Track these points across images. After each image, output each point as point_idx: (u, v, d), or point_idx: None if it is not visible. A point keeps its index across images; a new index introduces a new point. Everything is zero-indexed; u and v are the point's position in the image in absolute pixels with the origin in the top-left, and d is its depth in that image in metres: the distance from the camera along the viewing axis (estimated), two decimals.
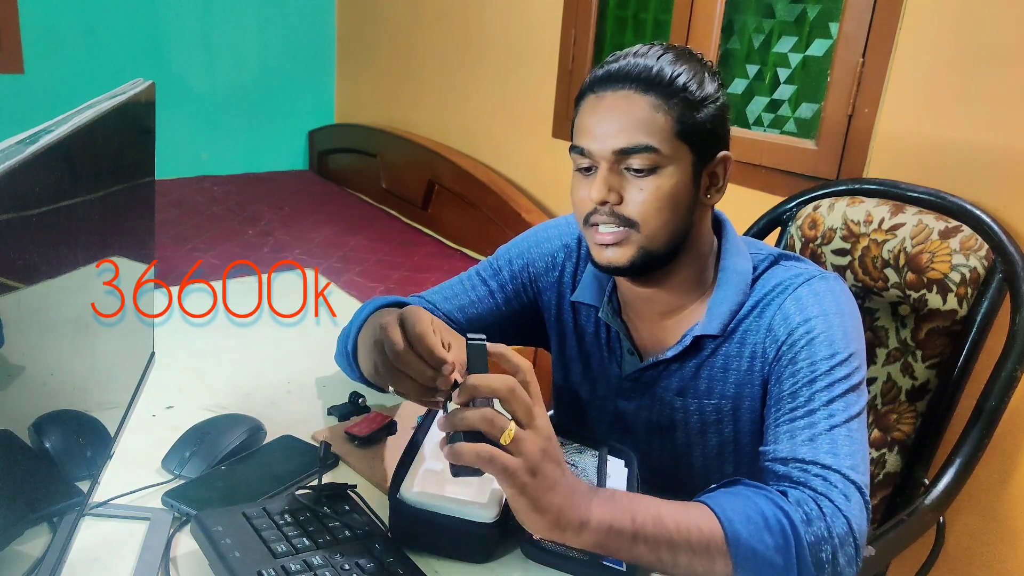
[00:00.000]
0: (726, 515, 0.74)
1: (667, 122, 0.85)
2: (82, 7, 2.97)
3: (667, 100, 0.85)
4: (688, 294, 0.95)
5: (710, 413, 0.95)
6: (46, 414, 0.60)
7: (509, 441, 0.67)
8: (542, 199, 2.48)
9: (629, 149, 0.85)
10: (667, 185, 0.86)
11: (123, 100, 0.71)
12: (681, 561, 0.73)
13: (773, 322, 0.90)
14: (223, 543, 0.70)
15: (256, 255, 2.43)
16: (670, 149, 0.85)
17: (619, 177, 0.87)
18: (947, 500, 1.19)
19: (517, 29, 2.50)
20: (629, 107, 0.85)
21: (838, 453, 0.80)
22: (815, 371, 0.85)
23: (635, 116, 0.85)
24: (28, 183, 0.50)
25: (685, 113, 0.85)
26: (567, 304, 1.06)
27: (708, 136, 0.87)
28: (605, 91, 0.87)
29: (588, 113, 0.88)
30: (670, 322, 0.96)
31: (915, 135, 1.50)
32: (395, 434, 0.99)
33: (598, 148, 0.87)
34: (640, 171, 0.86)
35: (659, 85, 0.85)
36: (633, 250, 0.88)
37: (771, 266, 0.94)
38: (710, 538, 0.73)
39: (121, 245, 0.77)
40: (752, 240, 1.00)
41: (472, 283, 1.09)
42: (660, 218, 0.87)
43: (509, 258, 1.09)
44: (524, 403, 0.69)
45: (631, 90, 0.85)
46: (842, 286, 0.92)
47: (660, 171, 0.86)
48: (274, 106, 3.49)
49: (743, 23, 1.89)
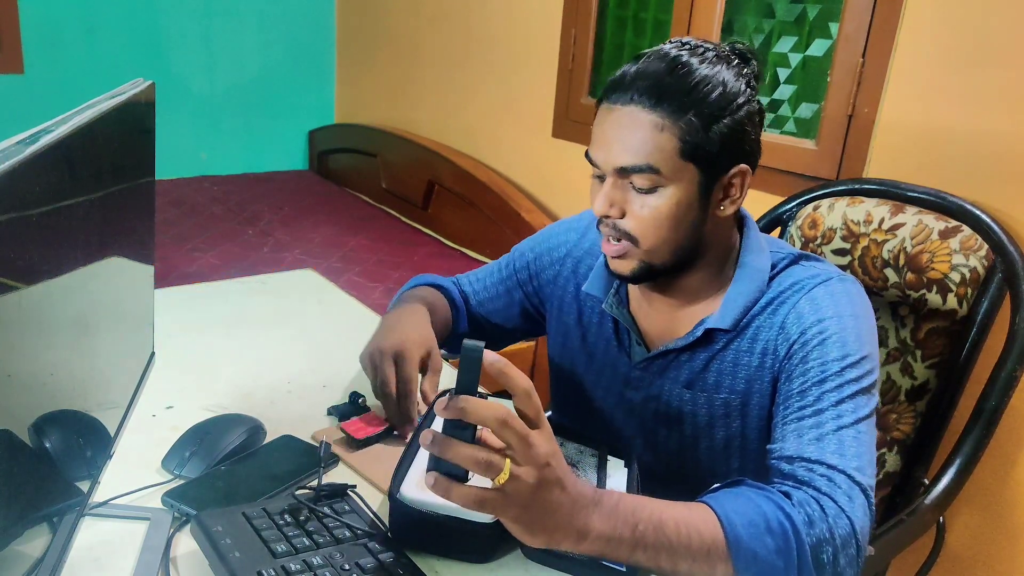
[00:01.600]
0: (728, 517, 0.74)
1: (670, 141, 0.84)
2: (82, 7, 2.97)
3: (675, 118, 0.83)
4: (704, 290, 0.96)
5: (718, 407, 0.95)
6: (46, 414, 0.60)
7: (505, 481, 0.63)
8: (542, 199, 2.48)
9: (629, 168, 0.86)
10: (667, 205, 0.86)
11: (123, 100, 0.71)
12: (681, 567, 0.73)
13: (787, 320, 0.90)
14: (223, 543, 0.70)
15: (256, 255, 2.43)
16: (672, 170, 0.85)
17: (622, 192, 0.88)
18: (947, 500, 1.19)
19: (517, 29, 2.50)
20: (632, 125, 0.85)
21: (845, 454, 0.80)
22: (826, 371, 0.85)
23: (638, 135, 0.84)
24: (28, 183, 0.50)
25: (693, 131, 0.83)
26: (570, 298, 1.07)
27: (720, 152, 0.85)
28: (615, 103, 0.86)
29: (599, 123, 0.89)
30: (682, 312, 0.97)
31: (915, 135, 1.50)
32: (393, 435, 0.99)
33: (603, 161, 0.88)
34: (640, 189, 0.86)
35: (668, 101, 0.83)
36: (635, 263, 0.90)
37: (790, 265, 0.94)
38: (712, 543, 0.73)
39: (121, 245, 0.77)
40: (773, 239, 1.01)
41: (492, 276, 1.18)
42: (659, 235, 0.87)
43: (522, 251, 1.15)
44: (518, 434, 0.63)
45: (637, 105, 0.84)
46: (859, 289, 0.92)
47: (661, 191, 0.86)
48: (274, 106, 3.49)
49: (743, 23, 1.89)
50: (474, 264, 2.34)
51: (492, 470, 0.63)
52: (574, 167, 2.32)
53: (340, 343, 1.22)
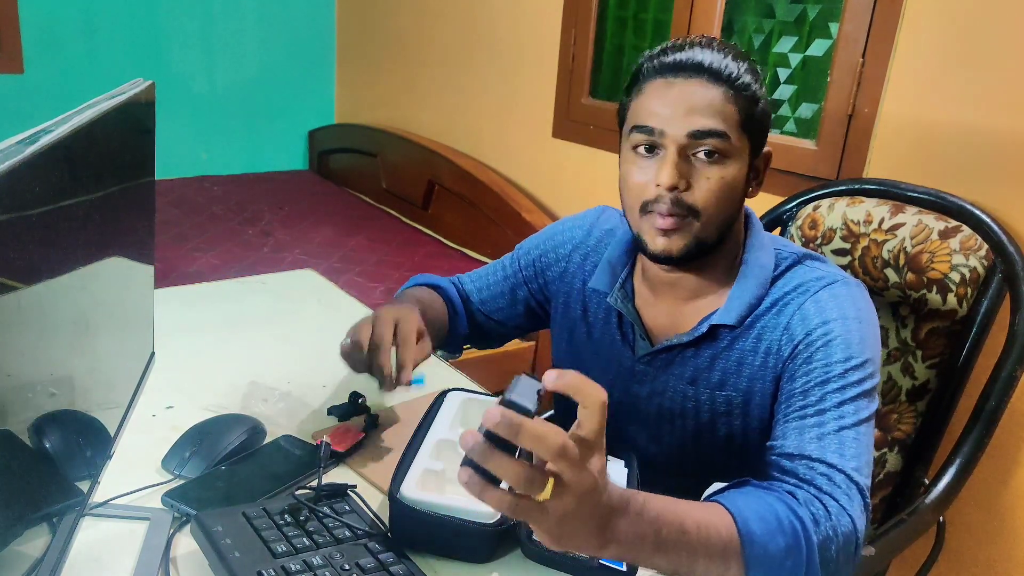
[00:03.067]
0: (743, 516, 0.74)
1: (735, 113, 0.87)
2: (82, 7, 2.97)
3: (735, 92, 0.87)
4: (714, 282, 0.96)
5: (720, 404, 0.96)
6: (46, 414, 0.60)
7: (547, 498, 0.58)
8: (542, 199, 2.48)
9: (704, 132, 0.86)
10: (731, 175, 0.88)
11: (123, 100, 0.71)
12: (698, 568, 0.72)
13: (792, 321, 0.91)
14: (223, 543, 0.70)
15: (256, 255, 2.43)
16: (737, 139, 0.88)
17: (687, 164, 0.88)
18: (947, 500, 1.19)
19: (517, 29, 2.50)
20: (705, 93, 0.87)
21: (845, 454, 0.81)
22: (829, 372, 0.86)
23: (710, 102, 0.87)
24: (28, 183, 0.50)
25: (749, 106, 0.88)
26: (576, 293, 1.08)
27: (762, 131, 0.91)
28: (676, 77, 0.88)
29: (657, 96, 0.89)
30: (688, 307, 0.98)
31: (915, 135, 1.50)
32: (377, 428, 1.00)
33: (672, 130, 0.87)
34: (711, 156, 0.87)
35: (727, 79, 0.87)
36: (688, 239, 0.90)
37: (793, 265, 0.95)
38: (727, 543, 0.73)
39: (121, 245, 0.77)
40: (779, 238, 1.02)
41: (496, 274, 1.18)
42: (720, 207, 0.89)
43: (527, 248, 1.15)
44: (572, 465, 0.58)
45: (703, 78, 0.87)
46: (863, 292, 0.93)
47: (727, 161, 0.88)
48: (274, 106, 3.49)
49: (743, 23, 1.89)
50: (474, 264, 2.34)
51: (535, 489, 0.58)
52: (574, 167, 2.32)
53: (340, 343, 1.22)
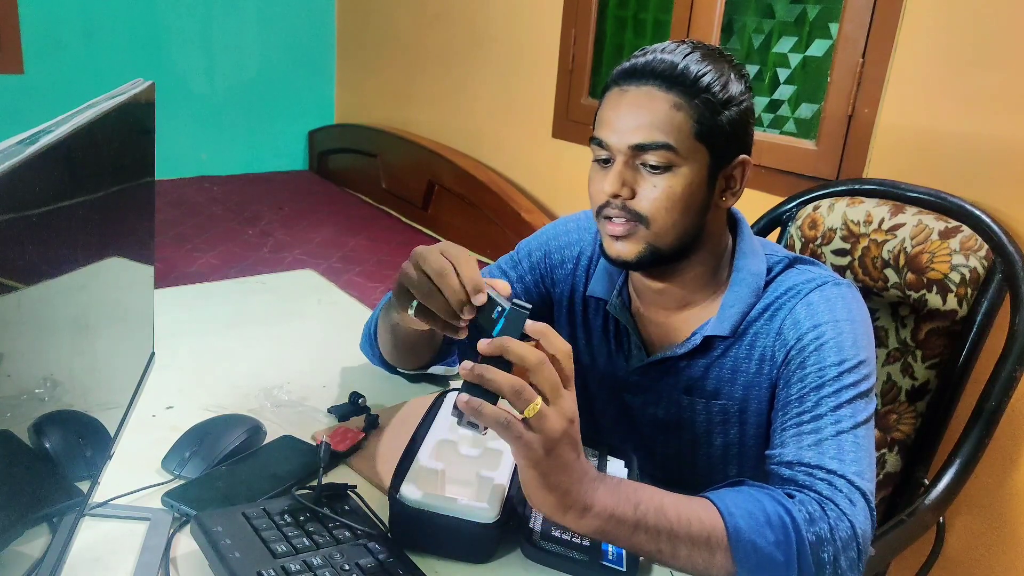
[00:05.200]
0: (728, 509, 0.74)
1: (686, 121, 0.85)
2: (82, 7, 2.97)
3: (689, 99, 0.85)
4: (700, 290, 0.95)
5: (716, 414, 0.96)
6: (46, 414, 0.60)
7: (532, 415, 0.66)
8: (542, 199, 2.48)
9: (646, 145, 0.85)
10: (680, 185, 0.86)
11: (123, 100, 0.71)
12: (681, 552, 0.73)
13: (783, 326, 0.90)
14: (223, 543, 0.70)
15: (256, 255, 2.43)
16: (687, 149, 0.86)
17: (634, 172, 0.87)
18: (947, 500, 1.19)
19: (517, 29, 2.50)
20: (650, 103, 0.85)
21: (844, 459, 0.80)
22: (823, 377, 0.85)
23: (655, 113, 0.85)
24: (28, 183, 0.50)
25: (706, 114, 0.85)
26: (579, 297, 1.06)
27: (728, 139, 0.88)
28: (628, 85, 0.87)
29: (610, 106, 0.89)
30: (680, 317, 0.97)
31: (915, 135, 1.50)
32: (377, 428, 1.00)
33: (616, 141, 0.87)
34: (655, 168, 0.86)
35: (682, 83, 0.85)
36: (641, 245, 0.89)
37: (785, 269, 0.94)
38: (711, 531, 0.73)
39: (121, 245, 0.77)
40: (768, 242, 1.01)
41: (497, 275, 1.11)
42: (670, 217, 0.87)
43: (529, 250, 1.11)
44: (552, 379, 0.67)
45: (653, 86, 0.86)
46: (854, 293, 0.92)
47: (675, 170, 0.86)
48: (274, 106, 3.49)
49: (743, 23, 1.89)
50: None
51: (523, 399, 0.66)
52: (574, 167, 2.32)
53: (340, 343, 1.22)
